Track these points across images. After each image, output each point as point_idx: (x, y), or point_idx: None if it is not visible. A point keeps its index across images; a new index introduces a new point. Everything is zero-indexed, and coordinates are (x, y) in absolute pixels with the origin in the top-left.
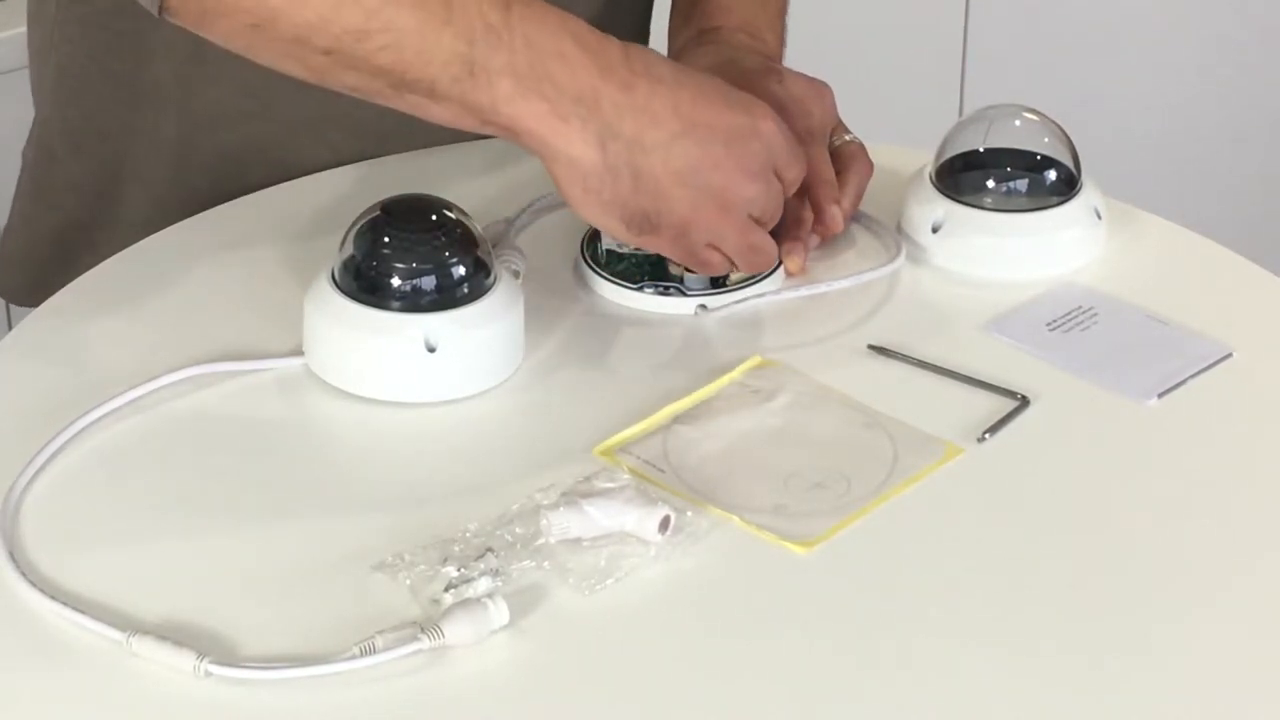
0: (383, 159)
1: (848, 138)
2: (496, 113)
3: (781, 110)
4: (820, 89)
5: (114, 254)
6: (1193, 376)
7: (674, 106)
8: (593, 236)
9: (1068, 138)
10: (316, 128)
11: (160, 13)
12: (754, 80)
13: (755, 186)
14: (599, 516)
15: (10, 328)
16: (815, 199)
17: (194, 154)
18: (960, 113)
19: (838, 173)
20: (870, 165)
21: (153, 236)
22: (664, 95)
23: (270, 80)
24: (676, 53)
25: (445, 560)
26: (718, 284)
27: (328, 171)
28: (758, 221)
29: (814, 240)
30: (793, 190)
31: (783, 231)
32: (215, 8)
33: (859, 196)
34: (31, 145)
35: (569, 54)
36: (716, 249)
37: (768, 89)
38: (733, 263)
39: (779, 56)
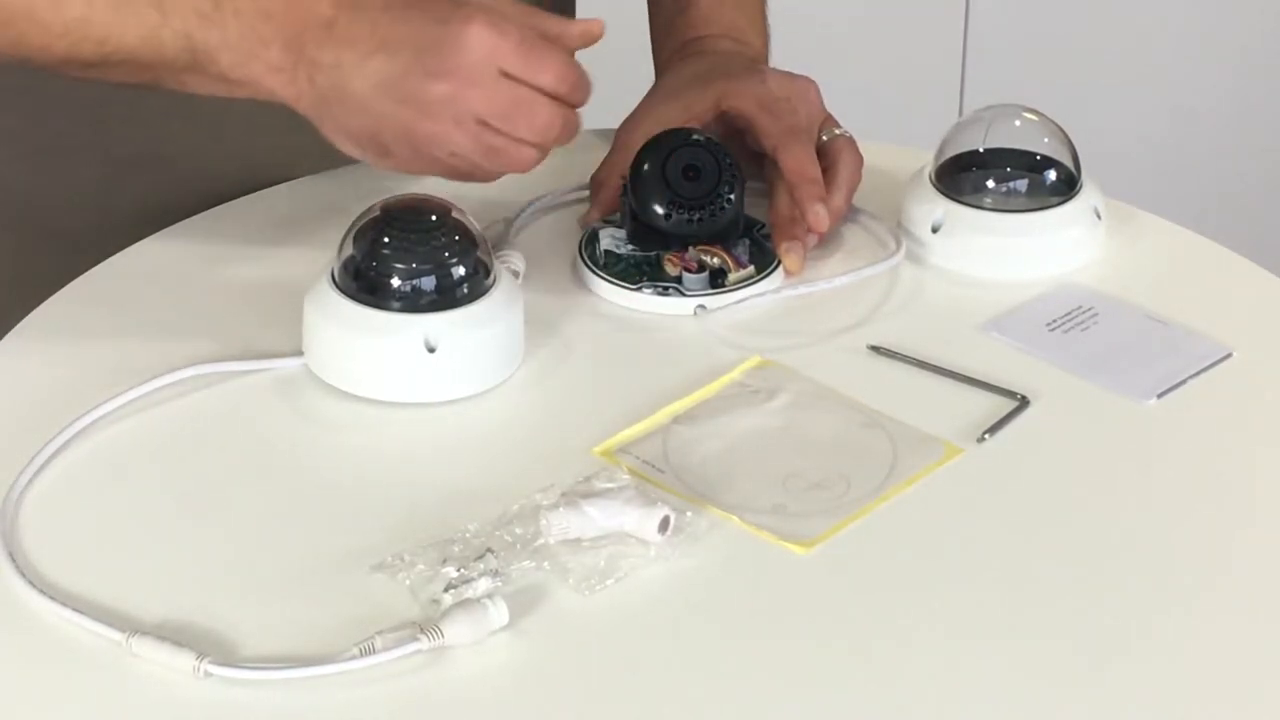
0: None
1: (837, 131)
2: (231, 81)
3: (767, 110)
4: (805, 85)
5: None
6: (1193, 376)
7: (371, 28)
8: (591, 237)
9: (1068, 138)
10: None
11: None
12: (738, 82)
13: (449, 87)
14: (599, 517)
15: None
16: (799, 197)
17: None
18: (960, 113)
19: (827, 167)
20: (860, 158)
21: (153, 236)
22: (363, 21)
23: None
24: (663, 65)
25: (445, 560)
26: (717, 284)
27: (327, 172)
28: (499, 129)
29: (812, 239)
30: (562, 89)
31: (779, 231)
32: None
33: (851, 190)
34: None
35: (274, 12)
36: (463, 158)
37: (751, 90)
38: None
39: (765, 56)
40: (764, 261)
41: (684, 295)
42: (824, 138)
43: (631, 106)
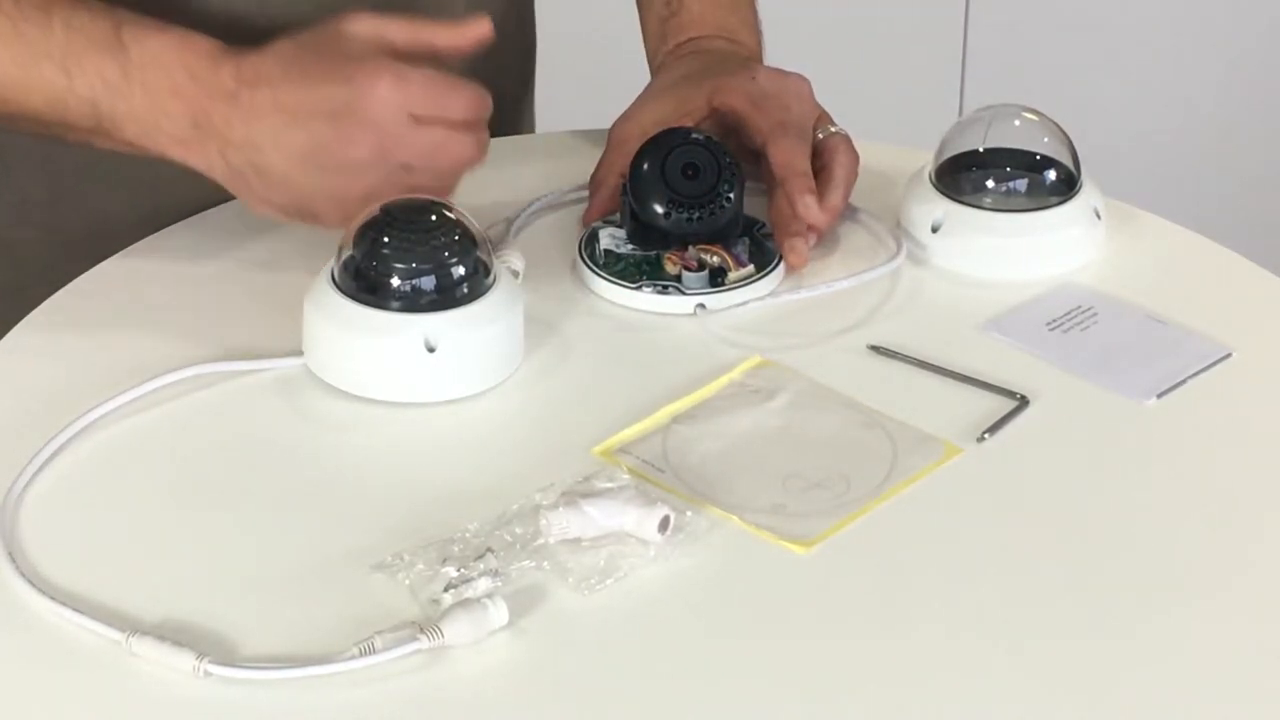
0: None
1: (833, 129)
2: (137, 147)
3: (757, 106)
4: (796, 83)
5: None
6: (1192, 376)
7: (274, 101)
8: (591, 237)
9: (1068, 138)
10: None
11: None
12: (729, 79)
13: (372, 146)
14: (598, 516)
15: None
16: (788, 190)
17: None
18: (960, 113)
19: (823, 165)
20: (856, 155)
21: (152, 236)
22: (265, 94)
23: None
24: (657, 67)
25: (445, 560)
26: (716, 283)
27: None
28: (424, 169)
29: (813, 236)
30: (470, 116)
31: (780, 227)
32: None
33: (848, 187)
34: None
35: (181, 86)
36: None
37: (742, 86)
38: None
39: (758, 54)
40: (764, 260)
41: (684, 294)
42: (819, 135)
43: (625, 107)
